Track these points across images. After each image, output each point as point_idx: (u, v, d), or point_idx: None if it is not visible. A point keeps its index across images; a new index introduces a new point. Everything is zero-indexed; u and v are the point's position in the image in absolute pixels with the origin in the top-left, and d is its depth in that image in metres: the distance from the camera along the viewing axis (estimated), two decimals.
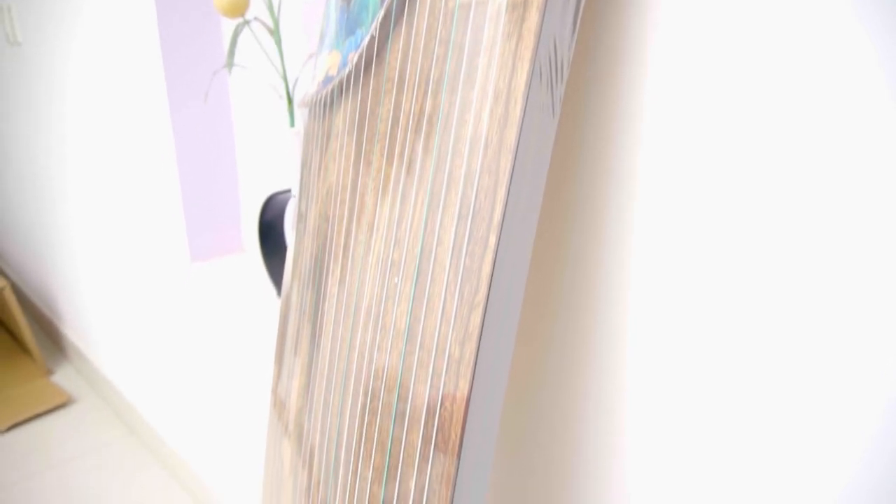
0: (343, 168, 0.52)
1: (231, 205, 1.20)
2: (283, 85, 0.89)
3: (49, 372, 1.90)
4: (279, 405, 0.67)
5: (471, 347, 0.43)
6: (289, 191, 0.99)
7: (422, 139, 0.47)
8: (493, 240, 0.43)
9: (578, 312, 0.56)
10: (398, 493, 0.48)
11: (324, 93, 0.55)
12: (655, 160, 0.48)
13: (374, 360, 0.49)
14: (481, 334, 0.43)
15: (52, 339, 2.08)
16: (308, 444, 0.59)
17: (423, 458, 0.46)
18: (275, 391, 0.68)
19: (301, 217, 0.59)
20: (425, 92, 0.47)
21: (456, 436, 0.44)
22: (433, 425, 0.45)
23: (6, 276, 2.33)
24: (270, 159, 1.09)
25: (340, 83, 0.53)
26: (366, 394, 0.50)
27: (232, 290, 1.13)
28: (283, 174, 1.06)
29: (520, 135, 0.43)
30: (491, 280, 0.43)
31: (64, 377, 1.89)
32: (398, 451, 0.47)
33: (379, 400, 0.48)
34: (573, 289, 0.55)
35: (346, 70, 0.52)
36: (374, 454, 0.49)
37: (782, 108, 0.42)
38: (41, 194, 1.86)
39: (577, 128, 0.52)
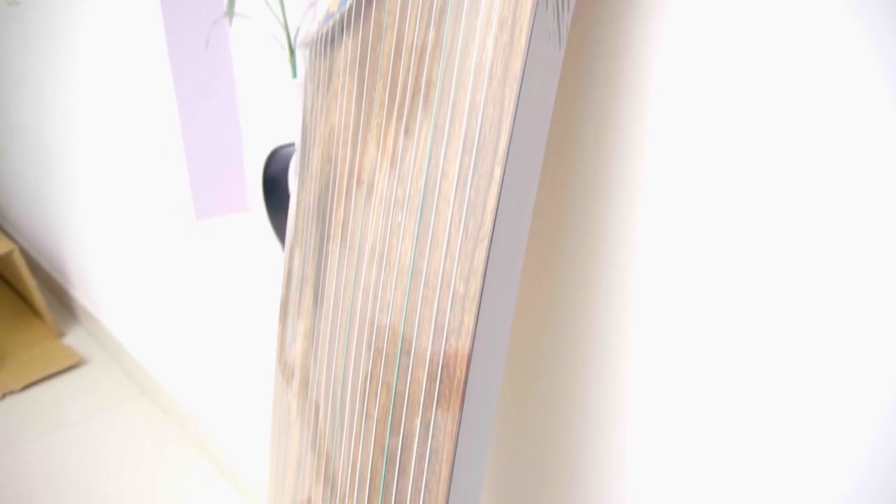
0: (345, 107, 0.51)
1: (235, 161, 1.19)
2: (284, 35, 0.88)
3: (60, 334, 1.92)
4: (284, 357, 0.67)
5: (476, 283, 0.43)
6: (292, 144, 0.97)
7: (425, 72, 0.45)
8: (498, 172, 0.42)
9: (585, 255, 0.55)
10: (403, 435, 0.48)
11: (324, 30, 0.53)
12: (666, 98, 0.47)
13: (379, 299, 0.48)
14: (486, 269, 0.43)
15: (63, 303, 2.10)
16: (314, 392, 0.59)
17: (429, 396, 0.46)
18: (280, 342, 0.68)
19: (304, 162, 0.58)
20: (428, 23, 0.46)
21: (461, 373, 0.44)
22: (438, 363, 0.45)
23: (14, 241, 2.34)
24: (273, 112, 1.07)
25: (341, 19, 0.52)
26: (370, 333, 0.49)
27: (237, 248, 1.13)
28: (286, 127, 1.05)
29: (525, 64, 0.41)
30: (496, 214, 0.42)
31: (75, 339, 1.91)
32: (403, 389, 0.47)
33: (384, 338, 0.48)
34: (579, 231, 0.54)
35: (347, 4, 0.51)
36: (379, 394, 0.49)
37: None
38: (47, 158, 1.85)
39: (584, 61, 0.50)
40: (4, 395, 1.66)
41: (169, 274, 1.40)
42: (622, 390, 0.57)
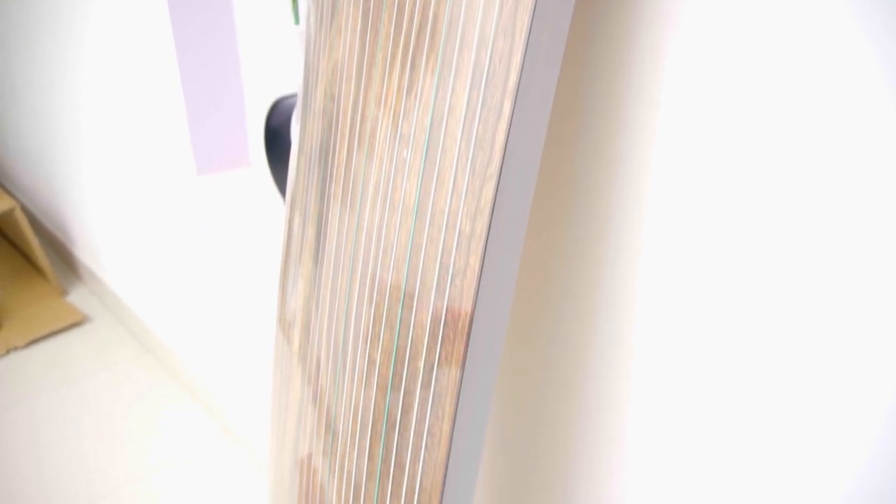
0: (349, 41, 0.49)
1: (236, 114, 1.17)
2: None
3: (63, 292, 1.93)
4: (285, 313, 0.66)
5: (482, 222, 0.42)
6: (295, 95, 0.95)
7: (432, 3, 0.43)
8: (507, 107, 0.40)
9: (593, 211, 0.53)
10: (406, 377, 0.47)
11: None
12: (682, 39, 0.45)
13: (382, 241, 0.47)
14: (493, 209, 0.41)
15: (65, 262, 2.09)
16: (314, 346, 0.59)
17: (432, 342, 0.45)
18: (281, 298, 0.67)
19: (306, 102, 0.56)
20: None
21: (466, 315, 0.43)
22: (442, 306, 0.44)
23: (16, 199, 2.33)
24: (275, 62, 1.05)
25: None
26: (373, 276, 0.48)
27: (239, 203, 1.12)
28: (288, 77, 1.03)
29: None
30: (505, 150, 0.41)
31: (78, 297, 1.91)
32: (406, 333, 0.47)
33: (387, 281, 0.47)
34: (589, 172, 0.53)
35: None
36: (382, 338, 0.48)
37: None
38: (48, 116, 1.83)
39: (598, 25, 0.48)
40: (8, 351, 1.66)
41: (171, 231, 1.39)
42: (627, 350, 0.56)
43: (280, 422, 0.72)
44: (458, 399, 0.44)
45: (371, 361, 0.50)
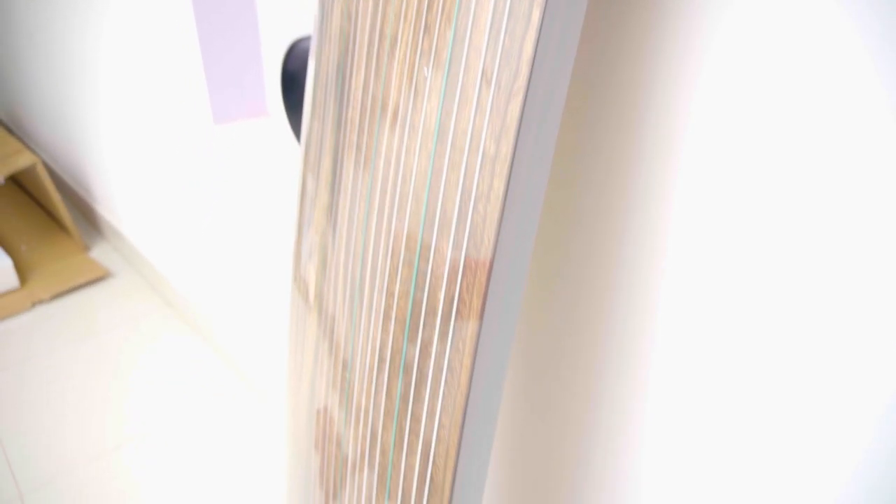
0: None
1: (253, 60, 1.14)
2: None
3: (86, 248, 1.94)
4: (300, 268, 0.65)
5: (507, 142, 0.39)
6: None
7: None
8: (536, 16, 0.37)
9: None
10: (425, 310, 0.46)
11: None
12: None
13: (402, 167, 0.45)
14: (520, 127, 0.39)
15: (88, 219, 2.11)
16: (331, 291, 0.57)
17: (453, 269, 0.43)
18: (296, 252, 0.66)
19: (322, 26, 0.54)
20: None
21: (489, 241, 0.41)
22: (464, 231, 0.42)
23: (38, 156, 2.34)
24: (293, 5, 1.02)
25: None
26: (392, 203, 0.46)
27: (258, 153, 1.10)
28: (306, 18, 0.99)
29: None
30: (532, 63, 0.38)
31: (101, 253, 1.93)
32: (426, 265, 0.45)
33: (406, 208, 0.45)
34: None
35: None
36: (401, 265, 0.46)
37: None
38: (68, 72, 1.82)
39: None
40: (34, 305, 1.69)
41: (190, 184, 1.38)
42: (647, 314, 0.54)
43: (296, 373, 0.71)
44: (476, 353, 0.42)
45: (389, 293, 0.48)
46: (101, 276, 1.80)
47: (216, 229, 1.35)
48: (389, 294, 0.48)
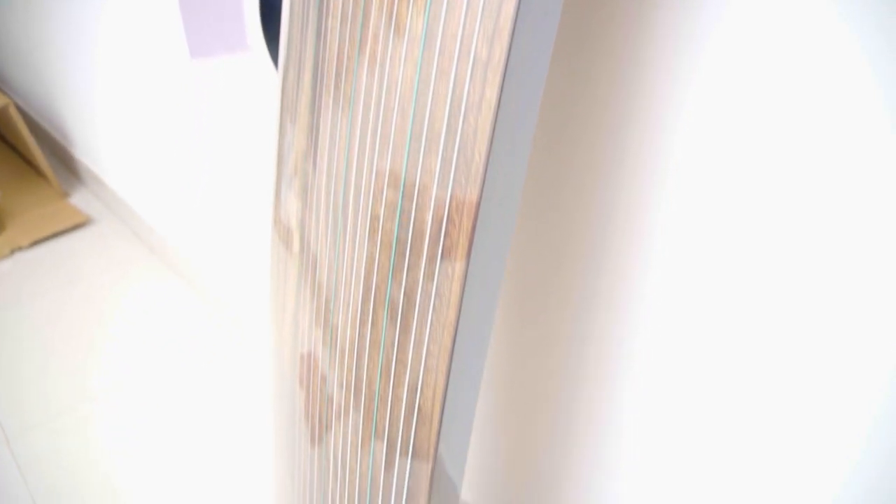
0: None
1: None
2: None
3: (65, 195, 1.89)
4: (279, 209, 0.62)
5: (501, 46, 0.36)
6: None
7: None
8: None
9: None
10: (412, 234, 0.43)
11: None
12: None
13: (387, 78, 0.42)
14: (514, 29, 0.36)
15: (65, 164, 2.05)
16: (312, 220, 0.54)
17: (442, 185, 0.41)
18: (276, 191, 0.62)
19: None
20: None
21: (480, 157, 0.38)
22: (454, 146, 0.39)
23: (10, 99, 2.26)
24: None
25: None
26: (376, 121, 0.43)
27: (239, 93, 1.05)
28: None
29: None
30: None
31: (81, 200, 1.88)
32: (413, 184, 0.42)
33: (391, 126, 0.42)
34: None
35: None
36: (385, 188, 0.44)
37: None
38: (40, 12, 1.73)
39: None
40: (13, 252, 1.65)
41: (170, 126, 1.33)
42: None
43: (279, 310, 0.69)
44: (470, 251, 0.40)
45: (374, 222, 0.45)
46: (81, 223, 1.76)
47: (199, 172, 1.31)
48: (374, 218, 0.45)
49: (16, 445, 1.12)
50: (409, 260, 0.43)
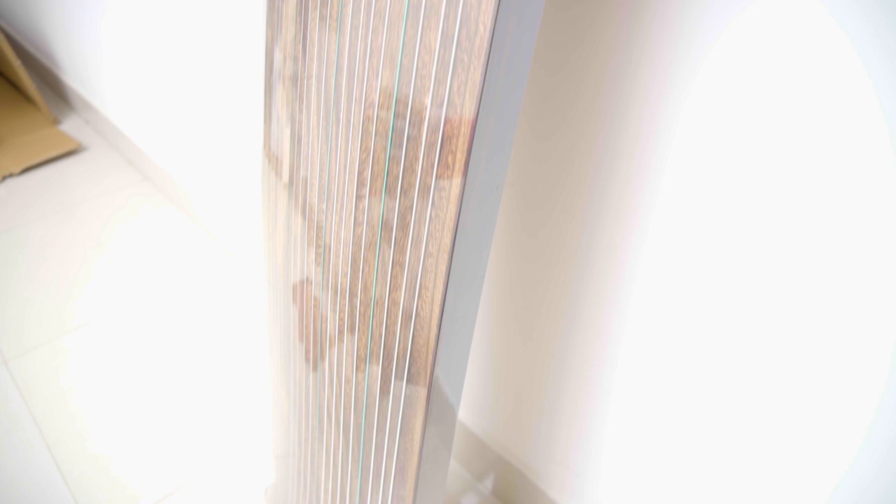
0: None
1: None
2: None
3: (56, 121, 1.84)
4: (270, 127, 0.58)
5: None
6: None
7: None
8: None
9: None
10: (409, 125, 0.40)
11: None
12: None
13: None
14: None
15: (55, 91, 1.99)
16: (303, 112, 0.51)
17: (442, 62, 0.37)
18: (266, 107, 0.58)
19: None
20: None
21: (485, 28, 0.34)
22: (455, 17, 0.35)
23: None
24: None
25: None
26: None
27: (233, 13, 0.99)
28: None
29: None
30: None
31: (72, 127, 1.83)
32: (409, 65, 0.38)
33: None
34: None
35: None
36: (380, 69, 0.40)
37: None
38: None
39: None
40: (4, 178, 1.61)
41: (161, 48, 1.27)
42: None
43: (271, 230, 0.66)
44: (472, 138, 0.36)
45: (370, 105, 0.42)
46: (73, 150, 1.71)
47: (192, 97, 1.26)
48: (369, 106, 0.42)
49: (14, 366, 1.12)
50: (406, 151, 0.40)
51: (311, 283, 0.56)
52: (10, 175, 1.62)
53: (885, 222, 0.42)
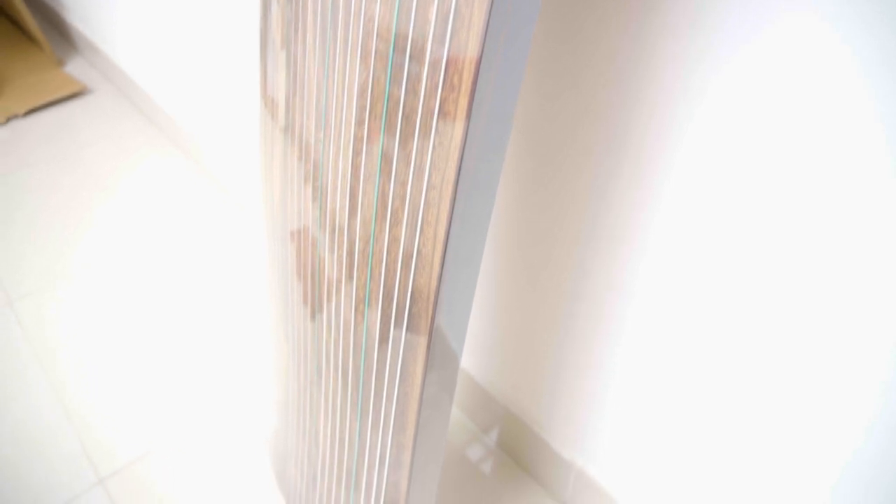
0: None
1: None
2: None
3: (60, 62, 1.80)
4: (266, 70, 0.54)
5: None
6: None
7: None
8: None
9: None
10: (412, 38, 0.36)
11: None
12: None
13: None
14: None
15: (59, 31, 1.94)
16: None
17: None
18: (262, 47, 0.54)
19: None
20: None
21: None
22: None
23: None
24: None
25: None
26: None
27: None
28: None
29: None
30: None
31: (76, 69, 1.79)
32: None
33: None
34: None
35: None
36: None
37: None
38: None
39: None
40: (8, 120, 1.59)
41: None
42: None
43: (268, 174, 0.63)
44: (481, 57, 0.33)
45: (369, 18, 0.38)
46: (77, 92, 1.68)
47: (199, 40, 1.21)
48: (369, 20, 0.38)
49: (19, 307, 1.12)
50: (408, 72, 0.37)
51: (309, 221, 0.53)
52: (15, 116, 1.60)
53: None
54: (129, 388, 1.00)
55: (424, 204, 0.39)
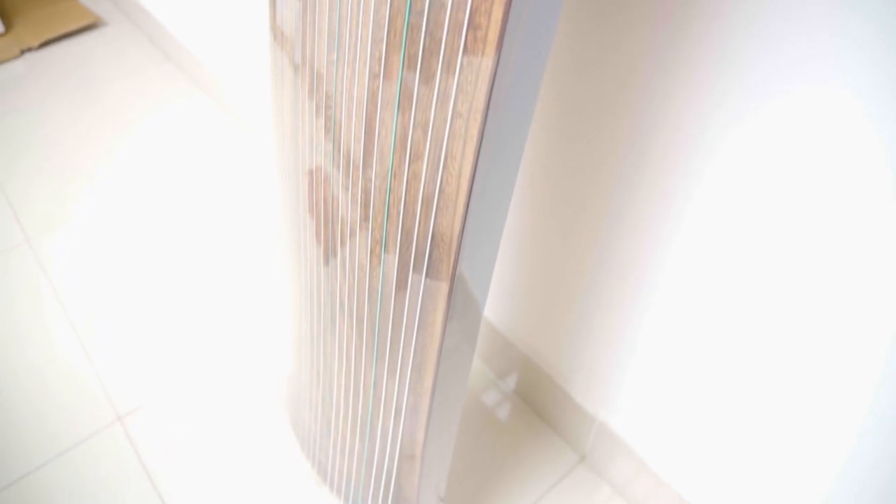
0: None
1: None
2: None
3: None
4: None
5: None
6: None
7: None
8: None
9: None
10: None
11: None
12: None
13: None
14: None
15: None
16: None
17: None
18: None
19: None
20: None
21: None
22: None
23: None
24: None
25: None
26: None
27: None
28: None
29: None
30: None
31: (91, 1, 1.73)
32: None
33: None
34: None
35: None
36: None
37: None
38: None
39: None
40: (22, 52, 1.55)
41: None
42: None
43: (278, 106, 0.58)
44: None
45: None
46: (92, 24, 1.63)
47: None
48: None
49: (36, 244, 1.10)
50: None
51: (322, 155, 0.49)
52: (30, 49, 1.55)
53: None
54: (147, 326, 0.99)
55: (449, 135, 0.35)
